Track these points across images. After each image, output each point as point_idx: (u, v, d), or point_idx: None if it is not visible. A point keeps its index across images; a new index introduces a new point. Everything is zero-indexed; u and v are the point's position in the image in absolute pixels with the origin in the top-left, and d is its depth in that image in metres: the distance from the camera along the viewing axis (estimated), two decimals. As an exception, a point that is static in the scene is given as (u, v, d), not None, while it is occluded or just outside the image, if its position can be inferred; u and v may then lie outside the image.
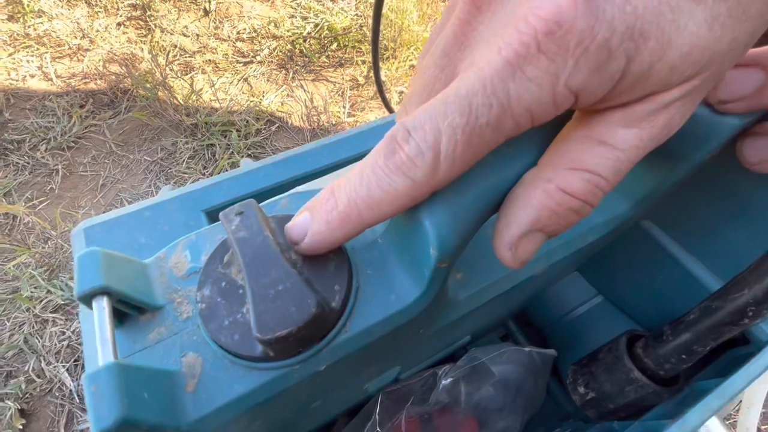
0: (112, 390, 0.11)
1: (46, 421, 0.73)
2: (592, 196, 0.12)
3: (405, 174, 0.12)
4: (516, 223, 0.13)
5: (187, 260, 0.16)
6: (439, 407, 0.28)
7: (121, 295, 0.13)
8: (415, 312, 0.15)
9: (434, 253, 0.14)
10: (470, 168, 0.14)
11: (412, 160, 0.12)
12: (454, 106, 0.11)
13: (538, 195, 0.13)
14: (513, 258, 0.13)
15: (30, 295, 0.81)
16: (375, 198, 0.12)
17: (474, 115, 0.11)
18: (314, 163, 0.47)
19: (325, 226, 0.13)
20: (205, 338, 0.14)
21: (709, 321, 0.19)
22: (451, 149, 0.11)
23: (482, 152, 0.12)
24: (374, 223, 0.13)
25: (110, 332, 0.12)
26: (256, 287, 0.12)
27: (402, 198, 0.12)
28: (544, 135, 0.15)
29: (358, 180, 0.12)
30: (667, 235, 0.23)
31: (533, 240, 0.13)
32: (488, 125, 0.11)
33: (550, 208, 0.13)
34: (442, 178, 0.12)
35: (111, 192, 0.96)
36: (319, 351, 0.14)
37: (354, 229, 0.13)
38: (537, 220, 0.13)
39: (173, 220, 0.41)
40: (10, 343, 0.78)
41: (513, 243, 0.13)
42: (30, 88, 1.09)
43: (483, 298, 0.21)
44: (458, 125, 0.11)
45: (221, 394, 0.13)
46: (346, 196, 0.13)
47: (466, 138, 0.11)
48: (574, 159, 0.13)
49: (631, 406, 0.23)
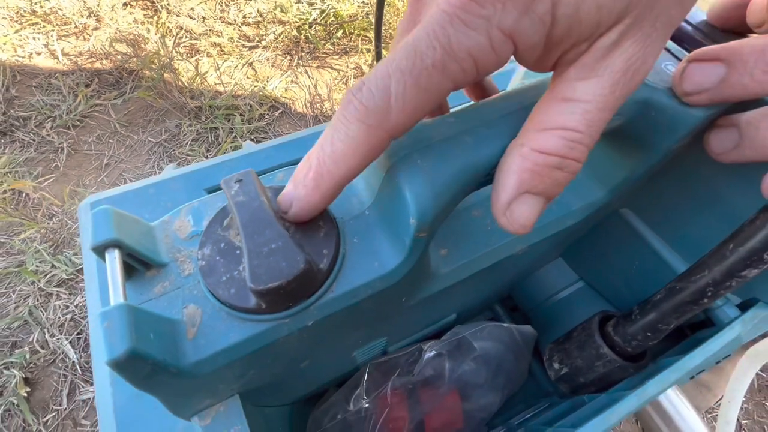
0: (123, 325, 0.12)
1: (49, 390, 0.76)
2: (569, 150, 0.13)
3: (360, 120, 0.12)
4: (503, 189, 0.14)
5: (190, 224, 0.18)
6: (422, 379, 0.30)
7: (131, 250, 0.15)
8: (396, 278, 0.17)
9: (413, 222, 0.15)
10: (448, 145, 0.16)
11: (364, 105, 0.12)
12: (402, 53, 0.12)
13: (516, 160, 0.14)
14: (509, 222, 0.14)
15: (35, 269, 0.83)
16: (338, 151, 0.13)
17: (419, 57, 0.12)
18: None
19: (303, 191, 0.14)
20: (205, 292, 0.16)
21: (672, 301, 0.21)
22: (401, 89, 0.12)
23: (433, 97, 0.12)
24: (345, 178, 0.14)
25: (121, 279, 0.13)
26: (251, 245, 0.14)
27: (362, 146, 0.13)
28: (518, 119, 0.16)
29: (323, 139, 0.13)
30: (643, 222, 0.25)
31: (526, 203, 0.14)
32: (434, 67, 0.12)
33: (529, 170, 0.13)
34: (396, 120, 0.12)
35: (115, 171, 0.98)
36: (307, 307, 0.16)
37: (329, 188, 0.14)
38: (521, 184, 0.14)
39: (176, 197, 0.43)
40: (16, 314, 0.80)
41: (505, 208, 0.14)
42: (36, 66, 1.09)
43: (464, 273, 0.22)
44: (405, 67, 0.12)
45: (218, 341, 0.15)
46: (315, 158, 0.13)
47: (414, 79, 0.12)
48: (543, 120, 0.13)
49: (600, 380, 0.25)
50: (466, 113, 0.17)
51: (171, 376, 0.14)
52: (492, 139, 0.16)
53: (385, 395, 0.30)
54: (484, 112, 0.17)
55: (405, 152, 0.16)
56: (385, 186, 0.16)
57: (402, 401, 0.31)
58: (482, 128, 0.16)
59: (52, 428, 0.73)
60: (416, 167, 0.15)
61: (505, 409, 0.36)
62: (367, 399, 0.29)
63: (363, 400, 0.29)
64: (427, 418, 0.31)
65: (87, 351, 0.80)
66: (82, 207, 0.41)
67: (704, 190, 0.21)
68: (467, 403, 0.31)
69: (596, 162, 0.22)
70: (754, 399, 0.81)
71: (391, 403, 0.30)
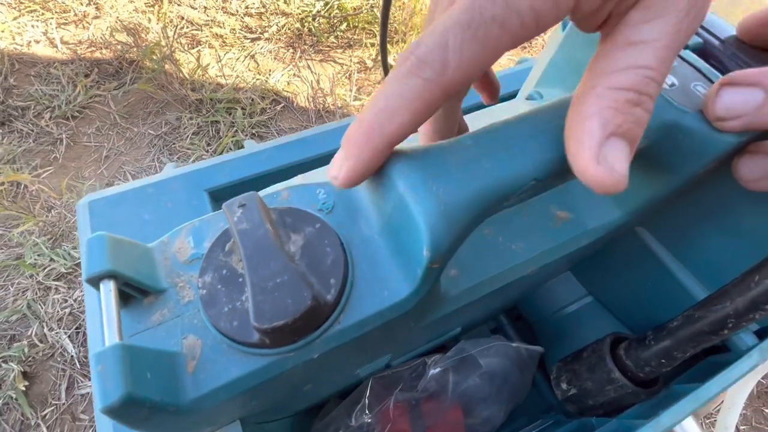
0: (118, 369, 0.11)
1: (48, 384, 0.76)
2: (645, 85, 0.12)
3: (416, 75, 0.12)
4: (588, 136, 0.12)
5: (190, 246, 0.17)
6: (426, 395, 0.29)
7: (127, 279, 0.14)
8: (406, 308, 0.16)
9: (427, 254, 0.14)
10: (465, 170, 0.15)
11: (421, 59, 0.12)
12: (460, 7, 0.11)
13: (592, 101, 0.12)
14: (606, 173, 0.12)
15: (33, 262, 0.82)
16: (392, 106, 0.12)
17: (478, 11, 0.11)
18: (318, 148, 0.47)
19: (354, 148, 0.13)
20: (205, 322, 0.15)
21: (690, 329, 0.20)
22: (458, 43, 0.12)
23: (491, 53, 0.12)
24: (397, 135, 0.13)
25: (116, 314, 0.13)
26: (255, 278, 0.13)
27: (416, 101, 0.12)
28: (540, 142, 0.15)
29: (378, 95, 0.13)
30: (660, 243, 0.24)
31: (616, 148, 0.12)
32: (494, 21, 0.11)
33: (611, 108, 0.12)
34: (453, 75, 0.12)
35: (114, 164, 0.96)
36: (313, 341, 0.15)
37: (380, 145, 0.13)
38: (606, 123, 0.12)
39: (176, 198, 0.42)
40: (14, 307, 0.80)
41: (595, 157, 0.12)
42: (35, 54, 1.08)
43: (475, 295, 0.21)
44: (464, 21, 0.11)
45: (219, 376, 0.14)
46: (368, 112, 0.13)
47: (472, 32, 0.11)
48: (609, 66, 0.13)
49: (610, 404, 0.24)
50: (484, 136, 0.16)
51: (170, 414, 0.13)
52: (512, 164, 0.15)
53: (387, 410, 0.30)
54: (502, 136, 0.16)
55: (419, 178, 0.15)
56: (397, 212, 0.15)
57: (404, 414, 0.31)
58: (501, 152, 0.15)
59: (50, 422, 0.73)
60: (431, 194, 0.14)
61: (508, 422, 0.35)
62: (370, 414, 0.28)
63: (365, 416, 0.28)
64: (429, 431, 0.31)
65: (85, 346, 0.79)
66: (80, 205, 0.40)
67: (728, 215, 0.21)
68: (470, 418, 0.31)
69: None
70: (753, 405, 0.81)
71: (394, 417, 0.30)
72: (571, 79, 0.28)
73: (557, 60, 0.28)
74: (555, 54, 0.29)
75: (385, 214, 0.16)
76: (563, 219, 0.23)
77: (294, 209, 0.17)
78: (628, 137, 0.13)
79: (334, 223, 0.17)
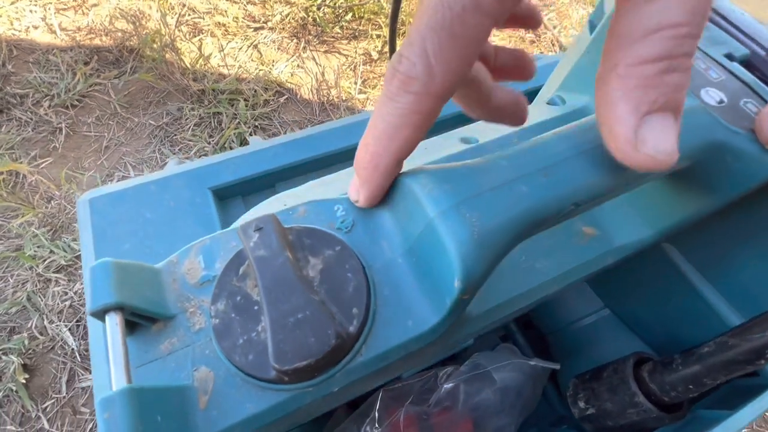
0: (126, 417, 0.10)
1: (48, 377, 0.76)
2: (676, 47, 0.11)
3: (407, 91, 0.12)
4: (620, 124, 0.11)
5: (201, 267, 0.16)
6: (438, 409, 0.28)
7: (134, 309, 0.13)
8: (432, 338, 0.15)
9: (458, 285, 0.13)
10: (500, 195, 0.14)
11: (407, 75, 0.12)
12: (428, 8, 0.11)
13: (615, 85, 0.11)
14: (649, 157, 0.11)
15: (33, 254, 0.81)
16: (391, 125, 0.13)
17: (447, 6, 0.10)
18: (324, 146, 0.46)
19: (365, 173, 0.14)
20: (218, 353, 0.14)
21: (723, 356, 0.19)
22: (437, 47, 0.11)
23: (474, 42, 0.11)
24: (403, 151, 0.13)
25: (123, 352, 0.12)
26: (274, 313, 0.12)
27: (414, 116, 0.12)
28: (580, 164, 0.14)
29: (375, 117, 0.13)
30: (688, 262, 0.23)
31: (655, 126, 0.11)
32: (465, 9, 0.11)
33: (640, 86, 0.11)
34: (442, 80, 0.12)
35: (115, 155, 0.95)
36: (334, 375, 0.14)
37: (389, 164, 0.14)
38: (636, 106, 0.11)
39: (179, 196, 0.41)
40: (14, 299, 0.79)
41: (633, 144, 0.11)
42: (33, 41, 1.05)
43: (496, 316, 0.20)
44: (436, 23, 0.11)
45: (233, 413, 0.13)
46: (371, 137, 0.13)
47: (447, 32, 0.11)
48: (632, 31, 0.11)
49: (631, 426, 0.23)
50: (520, 155, 0.15)
51: (180, 456, 0.12)
52: (551, 188, 0.14)
53: (398, 422, 0.29)
54: (540, 156, 0.14)
55: (451, 202, 0.14)
56: (426, 237, 0.14)
57: (413, 425, 0.30)
58: (539, 176, 0.14)
59: (51, 415, 0.73)
60: (463, 221, 0.13)
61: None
62: (380, 428, 0.28)
63: (375, 430, 0.28)
64: (438, 444, 0.30)
65: (86, 339, 0.79)
66: (81, 202, 0.38)
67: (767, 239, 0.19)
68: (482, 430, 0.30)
69: (648, 200, 0.20)
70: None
71: (404, 430, 0.29)
72: (598, 85, 0.26)
73: (583, 64, 0.27)
74: (581, 57, 0.27)
75: (410, 236, 0.15)
76: (590, 235, 0.22)
77: (312, 229, 0.16)
78: (670, 107, 0.11)
79: (354, 243, 0.16)
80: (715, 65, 0.17)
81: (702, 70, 0.17)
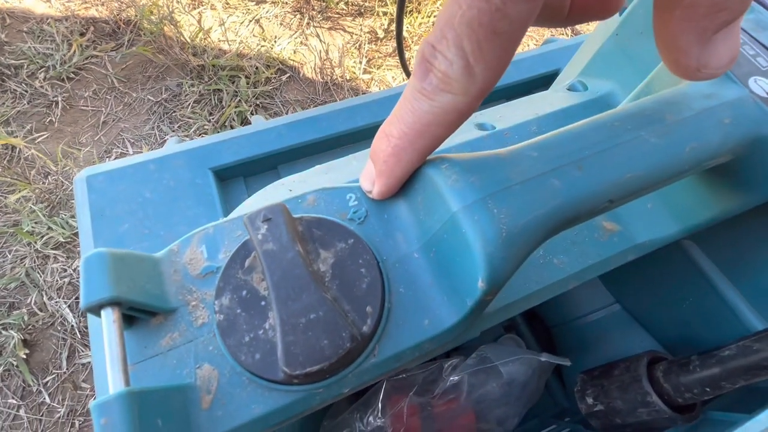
0: (125, 424, 0.10)
1: (48, 353, 0.76)
2: None
3: (444, 90, 0.11)
4: (683, 55, 0.11)
5: (203, 257, 0.15)
6: (442, 400, 0.28)
7: (132, 303, 0.12)
8: (448, 338, 0.14)
9: (482, 286, 0.12)
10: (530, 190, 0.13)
11: (445, 74, 0.11)
12: (461, 1, 0.10)
13: (677, 27, 0.10)
14: (714, 70, 0.11)
15: (31, 230, 0.80)
16: (424, 122, 0.12)
17: (484, 1, 0.09)
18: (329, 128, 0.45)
19: (385, 166, 0.13)
20: (223, 351, 0.13)
21: (745, 360, 0.18)
22: (476, 47, 0.10)
23: (518, 33, 0.10)
24: (431, 148, 0.13)
25: (120, 352, 0.11)
26: (284, 314, 0.11)
27: (451, 114, 0.12)
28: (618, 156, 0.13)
29: (404, 110, 0.12)
30: (709, 260, 0.22)
31: (720, 43, 0.11)
32: (504, 1, 0.09)
33: (699, 24, 0.10)
34: (483, 80, 0.11)
35: (113, 131, 0.93)
36: (346, 376, 0.13)
37: (413, 159, 0.13)
38: (702, 33, 0.10)
39: (179, 176, 0.40)
40: (12, 275, 0.78)
41: (697, 68, 0.11)
42: (27, 9, 1.01)
43: (511, 312, 0.19)
44: (473, 18, 0.10)
45: (238, 414, 0.12)
46: (396, 130, 0.12)
47: (486, 29, 0.10)
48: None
49: (640, 425, 0.23)
50: (553, 145, 0.13)
51: (182, 459, 0.12)
52: (586, 184, 0.13)
53: (401, 412, 0.29)
54: (574, 147, 0.13)
55: (477, 196, 0.12)
56: (448, 232, 0.13)
57: (416, 415, 0.30)
58: (573, 169, 0.13)
59: (52, 390, 0.74)
60: (490, 217, 0.12)
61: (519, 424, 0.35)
62: (383, 419, 0.27)
63: (378, 420, 0.27)
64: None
65: (86, 316, 0.79)
66: (78, 180, 0.37)
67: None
68: (484, 423, 0.30)
69: (677, 196, 0.19)
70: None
71: (407, 420, 0.29)
72: (624, 73, 0.25)
73: (608, 49, 0.25)
74: (606, 42, 0.25)
75: (428, 230, 0.14)
76: (611, 231, 0.21)
77: (323, 220, 0.14)
78: (738, 15, 0.11)
79: (367, 235, 0.15)
80: (765, 52, 0.16)
81: (750, 56, 0.16)
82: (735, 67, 0.15)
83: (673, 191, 0.19)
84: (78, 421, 0.73)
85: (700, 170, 0.14)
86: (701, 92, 0.15)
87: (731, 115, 0.14)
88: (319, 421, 0.31)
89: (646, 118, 0.14)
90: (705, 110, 0.14)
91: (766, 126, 0.14)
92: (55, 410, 0.72)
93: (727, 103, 0.14)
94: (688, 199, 0.19)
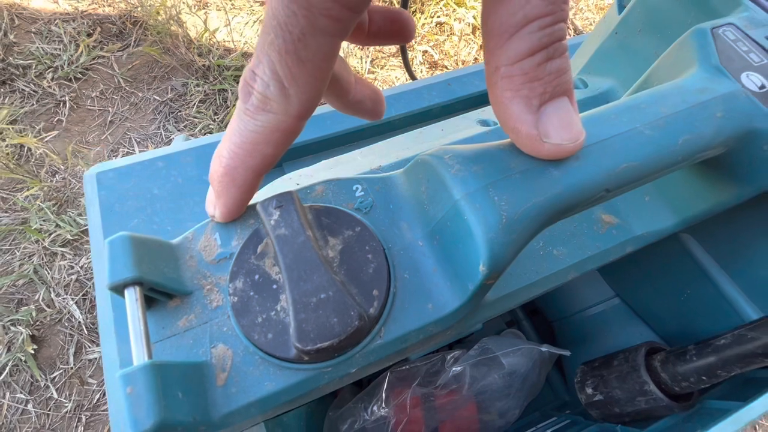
0: (149, 392, 0.10)
1: (56, 348, 0.77)
2: (547, 37, 0.11)
3: (264, 110, 0.12)
4: (520, 123, 0.12)
5: (217, 244, 0.15)
6: (445, 391, 0.28)
7: (153, 285, 0.13)
8: (451, 322, 0.15)
9: (483, 270, 0.13)
10: (531, 178, 0.13)
11: (263, 95, 0.12)
12: (269, 26, 0.10)
13: (504, 87, 0.11)
14: (558, 144, 0.12)
15: (39, 228, 0.82)
16: (251, 141, 0.12)
17: (286, 30, 0.10)
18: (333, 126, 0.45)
19: (220, 186, 0.13)
20: (237, 331, 0.14)
21: (740, 349, 0.19)
22: (288, 72, 0.11)
23: (323, 62, 0.11)
24: (262, 167, 0.13)
25: (143, 327, 0.11)
26: (296, 294, 0.12)
27: (275, 133, 0.12)
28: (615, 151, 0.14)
29: (231, 131, 0.13)
30: (706, 253, 0.23)
31: (552, 114, 0.12)
32: (304, 34, 0.10)
33: (525, 84, 0.11)
34: (298, 102, 0.12)
35: (119, 130, 0.94)
36: (353, 356, 0.14)
37: (245, 179, 0.13)
38: (528, 102, 0.11)
39: (187, 173, 0.41)
40: (21, 272, 0.80)
41: (537, 137, 0.12)
42: (35, 9, 1.03)
43: (511, 303, 0.20)
44: (280, 46, 0.10)
45: (251, 391, 0.13)
46: (226, 150, 0.13)
47: (292, 57, 0.11)
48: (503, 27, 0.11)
49: (638, 413, 0.23)
50: (550, 138, 0.14)
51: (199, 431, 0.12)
52: (583, 173, 0.13)
53: (404, 403, 0.29)
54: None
55: (479, 184, 0.13)
56: (450, 220, 0.14)
57: (418, 405, 0.30)
58: (570, 159, 0.13)
59: (59, 385, 0.75)
60: (491, 205, 0.13)
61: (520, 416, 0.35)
62: (387, 408, 0.28)
63: (382, 410, 0.28)
64: (442, 425, 0.30)
65: (93, 312, 0.80)
66: (87, 176, 0.38)
67: (793, 230, 0.19)
68: (486, 414, 0.30)
69: (673, 188, 0.20)
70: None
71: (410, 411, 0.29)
72: (623, 70, 0.25)
73: (609, 46, 0.26)
74: (606, 39, 0.26)
75: (432, 218, 0.15)
76: (609, 224, 0.21)
77: (331, 209, 0.15)
78: (559, 93, 0.12)
79: (374, 224, 0.15)
80: (757, 48, 0.16)
81: (743, 53, 0.16)
82: (728, 63, 0.16)
83: (669, 184, 0.20)
84: (85, 416, 0.74)
85: (693, 162, 0.15)
86: (695, 87, 0.15)
87: (724, 109, 0.15)
88: (325, 411, 0.32)
89: (642, 111, 0.14)
90: (698, 104, 0.15)
91: (757, 119, 0.15)
92: (63, 405, 0.73)
93: (720, 97, 0.15)
94: (684, 192, 0.19)
